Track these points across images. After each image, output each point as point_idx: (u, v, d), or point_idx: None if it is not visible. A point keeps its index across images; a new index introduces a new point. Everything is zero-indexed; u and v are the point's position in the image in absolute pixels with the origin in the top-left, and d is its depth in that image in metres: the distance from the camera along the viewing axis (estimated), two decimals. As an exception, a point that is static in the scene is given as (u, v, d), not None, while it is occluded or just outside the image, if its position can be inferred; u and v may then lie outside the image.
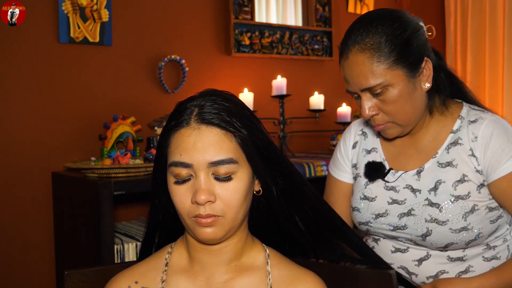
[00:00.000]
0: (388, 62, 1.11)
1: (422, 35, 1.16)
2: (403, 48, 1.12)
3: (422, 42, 1.15)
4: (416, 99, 1.16)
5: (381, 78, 1.12)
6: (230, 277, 0.89)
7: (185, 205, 0.84)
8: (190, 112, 0.84)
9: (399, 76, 1.12)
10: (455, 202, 1.16)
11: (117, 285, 0.91)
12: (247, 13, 2.66)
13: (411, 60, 1.12)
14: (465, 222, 1.16)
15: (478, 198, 1.17)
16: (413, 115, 1.18)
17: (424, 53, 1.15)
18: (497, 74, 3.13)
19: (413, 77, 1.14)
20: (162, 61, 2.36)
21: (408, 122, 1.19)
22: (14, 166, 2.06)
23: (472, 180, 1.17)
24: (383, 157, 1.30)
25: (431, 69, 1.16)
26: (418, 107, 1.18)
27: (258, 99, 2.54)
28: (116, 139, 1.98)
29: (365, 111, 1.16)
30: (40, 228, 2.11)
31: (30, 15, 2.04)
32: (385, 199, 1.25)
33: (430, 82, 1.17)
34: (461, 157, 1.18)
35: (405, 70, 1.12)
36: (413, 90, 1.15)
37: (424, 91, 1.18)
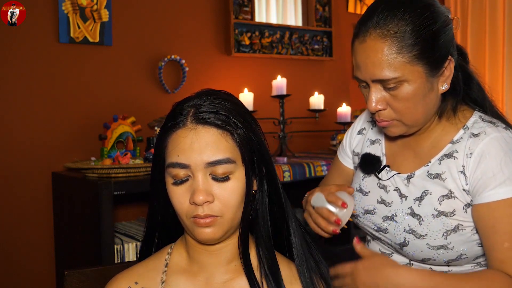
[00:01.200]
0: (409, 56, 0.99)
1: (451, 30, 1.05)
2: (429, 42, 1.00)
3: (449, 38, 1.04)
4: (430, 100, 1.05)
5: (398, 72, 1.00)
6: (230, 277, 0.89)
7: (183, 206, 0.84)
8: (186, 113, 0.84)
9: (418, 73, 1.00)
10: (437, 217, 1.07)
11: (117, 285, 0.91)
12: (247, 13, 2.66)
13: (435, 57, 1.01)
14: (445, 241, 1.07)
15: (464, 217, 1.06)
16: (422, 117, 1.07)
17: (449, 51, 1.03)
18: (497, 74, 3.13)
19: (433, 77, 1.02)
20: (162, 61, 2.36)
21: (416, 123, 1.08)
22: (14, 166, 2.06)
23: (458, 198, 1.06)
24: (384, 151, 1.22)
25: (453, 69, 1.05)
26: (429, 108, 1.07)
27: (258, 99, 2.54)
28: (116, 139, 1.98)
29: (371, 103, 1.05)
30: (40, 228, 2.11)
31: (30, 15, 2.04)
32: (375, 196, 1.18)
33: (449, 84, 1.05)
34: (451, 172, 1.07)
35: (426, 67, 1.01)
36: (430, 90, 1.03)
37: (440, 93, 1.07)
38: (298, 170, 2.19)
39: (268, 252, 0.89)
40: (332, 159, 1.45)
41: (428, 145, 1.13)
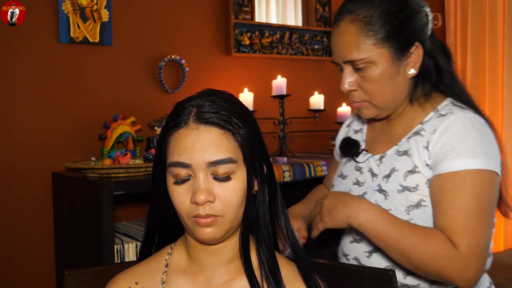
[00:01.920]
0: (375, 38, 1.07)
1: (421, 19, 1.11)
2: (395, 27, 1.08)
3: (418, 26, 1.10)
4: (398, 83, 1.12)
5: (365, 53, 1.08)
6: (230, 278, 0.89)
7: (184, 205, 0.84)
8: (188, 112, 0.84)
9: (384, 55, 1.08)
10: (401, 192, 1.12)
11: (117, 285, 0.91)
12: (247, 13, 2.66)
13: (400, 41, 1.08)
14: (408, 216, 1.11)
15: (427, 193, 1.10)
16: (392, 99, 1.14)
17: (416, 37, 1.10)
18: (497, 74, 3.13)
19: (399, 60, 1.10)
20: (162, 61, 2.36)
21: (385, 105, 1.14)
22: (14, 166, 2.06)
23: (421, 173, 1.11)
24: (364, 138, 1.29)
25: (421, 56, 1.11)
26: (398, 92, 1.13)
27: (258, 99, 2.54)
28: (116, 139, 1.98)
29: (343, 84, 1.14)
30: (40, 228, 2.11)
31: (30, 15, 2.04)
32: (352, 179, 1.25)
33: (417, 70, 1.12)
34: (417, 148, 1.12)
35: (391, 50, 1.08)
36: (396, 73, 1.10)
37: (408, 78, 1.13)
38: (298, 170, 2.19)
39: (269, 253, 0.89)
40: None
41: (401, 128, 1.19)
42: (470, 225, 1.03)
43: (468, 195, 1.03)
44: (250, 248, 0.89)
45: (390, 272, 1.04)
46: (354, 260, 1.23)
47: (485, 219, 1.05)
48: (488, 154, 1.06)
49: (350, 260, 1.24)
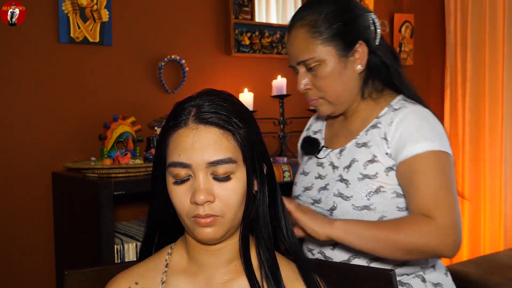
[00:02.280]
0: (322, 38, 1.20)
1: (364, 21, 1.23)
2: (339, 27, 1.20)
3: (360, 27, 1.22)
4: (347, 78, 1.23)
5: (314, 53, 1.20)
6: (230, 278, 0.89)
7: (184, 205, 0.84)
8: (188, 113, 0.85)
9: (331, 53, 1.21)
10: (361, 180, 1.20)
11: (117, 285, 0.91)
12: (247, 13, 2.66)
13: (344, 40, 1.20)
14: (368, 201, 1.19)
15: (385, 180, 1.19)
16: (343, 94, 1.24)
17: (360, 37, 1.22)
18: (497, 74, 3.13)
19: (345, 56, 1.21)
20: (162, 61, 2.36)
21: (338, 100, 1.25)
22: (14, 166, 2.06)
23: (381, 162, 1.20)
24: (323, 137, 1.39)
25: (365, 53, 1.22)
26: (349, 86, 1.24)
27: (258, 99, 2.54)
28: (116, 139, 1.98)
29: (299, 84, 1.25)
30: (40, 228, 2.11)
31: (30, 15, 2.04)
32: (313, 174, 1.32)
33: (363, 66, 1.23)
34: (375, 139, 1.22)
35: (337, 48, 1.21)
36: (344, 68, 1.22)
37: (357, 73, 1.24)
38: (298, 170, 2.19)
39: (269, 253, 0.89)
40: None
41: (358, 123, 1.29)
42: (440, 197, 1.12)
43: (433, 172, 1.13)
44: (250, 248, 0.89)
45: (390, 272, 1.04)
46: (319, 254, 1.28)
47: (452, 191, 1.14)
48: (441, 138, 1.17)
49: (315, 254, 1.29)
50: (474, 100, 3.22)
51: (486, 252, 3.11)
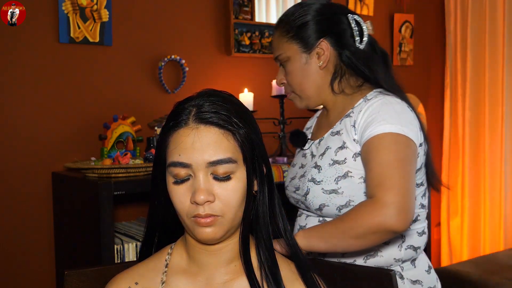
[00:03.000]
0: (288, 37, 1.32)
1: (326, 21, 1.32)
2: (300, 27, 1.31)
3: (323, 27, 1.31)
4: (310, 73, 1.32)
5: (281, 50, 1.34)
6: (230, 278, 0.89)
7: (184, 205, 0.84)
8: (188, 112, 0.85)
9: (295, 50, 1.32)
10: (332, 166, 1.26)
11: (117, 285, 0.91)
12: (247, 13, 2.66)
13: (305, 38, 1.31)
14: (336, 185, 1.24)
15: (353, 166, 1.24)
16: (308, 88, 1.34)
17: (322, 35, 1.31)
18: (497, 74, 3.13)
19: (306, 53, 1.31)
20: (162, 61, 2.36)
21: (304, 94, 1.35)
22: (14, 166, 2.06)
23: (349, 148, 1.25)
24: (312, 131, 1.46)
25: (327, 50, 1.31)
26: (313, 81, 1.33)
27: (258, 99, 2.54)
28: (116, 139, 1.98)
29: (276, 79, 1.40)
30: (40, 228, 2.11)
31: (30, 15, 2.04)
32: (298, 164, 1.40)
33: (325, 62, 1.31)
34: (346, 127, 1.27)
35: (299, 45, 1.31)
36: (306, 64, 1.32)
37: (320, 69, 1.32)
38: (298, 170, 2.18)
39: (268, 253, 0.89)
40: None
41: (335, 115, 1.36)
42: (387, 174, 1.14)
43: (386, 151, 1.17)
44: (250, 248, 0.89)
45: (390, 272, 1.04)
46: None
47: (400, 171, 1.15)
48: (404, 124, 1.19)
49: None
50: (474, 100, 3.22)
51: (486, 252, 3.11)
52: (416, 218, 1.29)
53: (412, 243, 1.27)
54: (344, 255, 1.26)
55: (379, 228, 1.11)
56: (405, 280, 1.26)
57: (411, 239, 1.27)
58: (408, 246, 1.26)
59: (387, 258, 1.25)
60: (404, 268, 1.27)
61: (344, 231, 1.15)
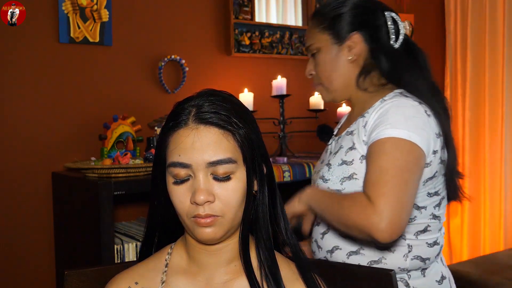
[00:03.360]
0: (320, 27, 1.33)
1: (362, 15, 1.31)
2: (334, 19, 1.31)
3: (357, 19, 1.30)
4: (339, 66, 1.32)
5: (313, 40, 1.34)
6: (230, 278, 0.89)
7: (184, 205, 0.84)
8: (188, 113, 0.84)
9: (326, 40, 1.32)
10: (340, 165, 1.26)
11: (117, 285, 0.91)
12: (247, 13, 2.66)
13: (338, 29, 1.30)
14: (341, 186, 1.24)
15: (359, 168, 1.23)
16: (335, 80, 1.33)
17: (355, 28, 1.30)
18: (497, 74, 3.13)
19: (337, 44, 1.31)
20: (162, 61, 2.36)
21: (331, 86, 1.34)
22: (14, 166, 2.06)
23: (357, 149, 1.24)
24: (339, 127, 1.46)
25: (359, 43, 1.30)
26: (341, 74, 1.32)
27: (258, 99, 2.54)
28: (116, 139, 1.98)
29: (306, 70, 1.39)
30: (40, 228, 2.11)
31: (30, 15, 2.04)
32: (321, 159, 1.42)
33: (356, 56, 1.30)
34: (358, 128, 1.27)
35: (331, 36, 1.31)
36: (336, 56, 1.31)
37: (350, 62, 1.31)
38: (298, 170, 2.19)
39: (268, 253, 0.89)
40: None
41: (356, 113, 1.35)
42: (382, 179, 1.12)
43: (386, 156, 1.15)
44: (250, 248, 0.89)
45: (390, 272, 1.04)
46: (314, 242, 1.35)
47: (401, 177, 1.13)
48: (411, 129, 1.16)
49: (313, 242, 1.36)
50: (474, 100, 3.22)
51: (486, 252, 3.11)
52: (425, 229, 1.25)
53: (420, 253, 1.24)
54: (349, 258, 1.25)
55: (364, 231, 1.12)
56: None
57: (419, 249, 1.24)
58: (414, 256, 1.23)
59: (391, 266, 1.22)
60: (412, 276, 1.24)
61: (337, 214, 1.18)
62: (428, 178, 1.22)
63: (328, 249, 1.29)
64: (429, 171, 1.21)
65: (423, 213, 1.24)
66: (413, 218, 1.23)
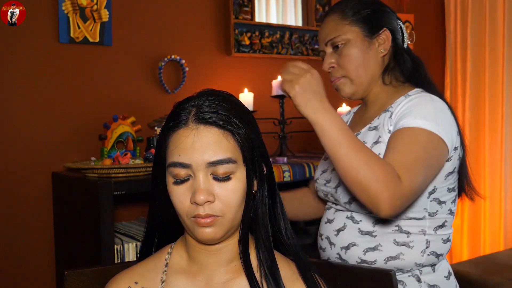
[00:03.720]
0: (350, 20, 1.31)
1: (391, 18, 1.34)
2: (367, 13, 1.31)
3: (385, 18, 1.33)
4: (369, 58, 1.31)
5: (341, 32, 1.31)
6: (230, 278, 0.89)
7: (184, 205, 0.84)
8: (188, 113, 0.85)
9: (356, 33, 1.30)
10: None
11: (117, 285, 0.91)
12: (247, 13, 2.66)
13: (371, 24, 1.31)
14: None
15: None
16: (364, 73, 1.31)
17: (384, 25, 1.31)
18: (497, 74, 3.13)
19: (369, 37, 1.31)
20: (162, 61, 2.36)
21: (358, 79, 1.32)
22: (14, 166, 2.06)
23: (384, 142, 1.23)
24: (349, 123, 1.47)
25: (389, 39, 1.31)
26: (370, 67, 1.31)
27: (258, 99, 2.54)
28: (116, 139, 1.98)
29: (325, 64, 1.36)
30: (40, 228, 2.11)
31: (30, 15, 2.04)
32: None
33: (386, 50, 1.31)
34: (384, 121, 1.26)
35: (363, 29, 1.30)
36: (367, 49, 1.30)
37: (379, 57, 1.32)
38: (298, 170, 2.19)
39: (268, 252, 0.89)
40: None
41: (375, 110, 1.35)
42: (413, 166, 1.12)
43: (417, 145, 1.15)
44: (249, 248, 0.89)
45: (390, 272, 1.04)
46: (326, 239, 1.34)
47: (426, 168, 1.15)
48: (439, 123, 1.18)
49: (323, 239, 1.36)
50: (474, 100, 3.22)
51: (486, 252, 3.11)
52: (443, 224, 1.27)
53: (436, 249, 1.26)
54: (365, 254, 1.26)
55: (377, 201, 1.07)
56: (422, 283, 1.25)
57: (436, 245, 1.26)
58: (431, 252, 1.25)
59: (408, 262, 1.24)
60: (423, 272, 1.26)
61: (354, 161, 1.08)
62: (449, 173, 1.24)
63: (343, 246, 1.29)
64: (451, 165, 1.24)
65: (443, 208, 1.27)
66: (434, 213, 1.26)
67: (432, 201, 1.25)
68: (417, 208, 1.24)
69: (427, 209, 1.25)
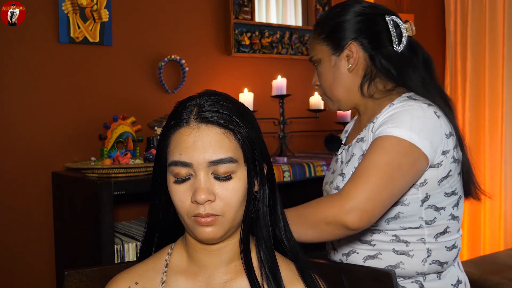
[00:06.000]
0: (319, 38, 1.33)
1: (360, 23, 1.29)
2: (332, 29, 1.31)
3: (347, 31, 1.29)
4: (339, 76, 1.31)
5: (314, 51, 1.35)
6: (230, 278, 0.89)
7: (184, 205, 0.84)
8: (189, 112, 0.84)
9: (325, 51, 1.32)
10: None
11: (117, 285, 0.91)
12: (247, 13, 2.66)
13: (335, 40, 1.30)
14: None
15: None
16: (337, 90, 1.32)
17: (352, 37, 1.29)
18: (497, 74, 3.13)
19: (335, 55, 1.31)
20: (162, 61, 2.36)
21: (334, 96, 1.34)
22: (14, 166, 2.05)
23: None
24: (347, 135, 1.46)
25: (357, 52, 1.28)
26: (341, 83, 1.31)
27: (258, 99, 2.54)
28: (116, 139, 1.98)
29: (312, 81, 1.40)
30: (40, 228, 2.11)
31: (30, 15, 2.04)
32: (331, 169, 1.41)
33: (354, 64, 1.29)
34: (368, 133, 1.26)
35: (329, 47, 1.31)
36: (335, 66, 1.31)
37: (349, 72, 1.30)
38: (298, 170, 2.19)
39: (269, 253, 0.89)
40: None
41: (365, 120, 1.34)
42: (366, 173, 1.13)
43: (380, 152, 1.15)
44: (250, 248, 0.89)
45: (390, 272, 1.04)
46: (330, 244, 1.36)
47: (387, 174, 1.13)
48: (415, 130, 1.15)
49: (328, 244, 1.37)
50: (474, 100, 3.22)
51: (486, 252, 3.11)
52: (445, 231, 1.24)
53: (439, 258, 1.23)
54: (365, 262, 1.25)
55: (333, 219, 1.10)
56: None
57: (439, 253, 1.23)
58: (433, 261, 1.23)
59: (408, 271, 1.22)
60: (427, 279, 1.24)
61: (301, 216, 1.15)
62: (442, 178, 1.21)
63: (345, 252, 1.29)
64: (442, 171, 1.21)
65: (442, 214, 1.23)
66: (432, 220, 1.23)
67: (428, 209, 1.22)
68: (411, 218, 1.22)
69: (423, 217, 1.22)
